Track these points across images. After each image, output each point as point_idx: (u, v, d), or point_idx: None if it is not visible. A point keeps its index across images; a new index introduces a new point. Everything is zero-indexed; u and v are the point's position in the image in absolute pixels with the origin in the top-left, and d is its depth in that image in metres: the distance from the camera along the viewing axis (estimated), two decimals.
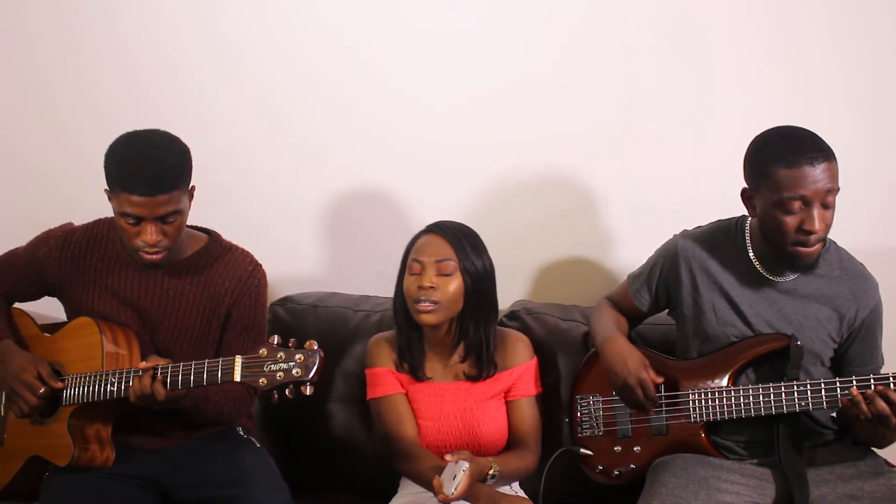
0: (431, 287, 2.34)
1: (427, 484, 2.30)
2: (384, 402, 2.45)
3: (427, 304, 2.34)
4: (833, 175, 2.14)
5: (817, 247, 2.20)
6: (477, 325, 2.42)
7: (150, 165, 2.14)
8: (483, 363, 2.44)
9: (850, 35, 2.70)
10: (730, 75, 2.75)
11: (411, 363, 2.45)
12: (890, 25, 2.70)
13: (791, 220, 2.17)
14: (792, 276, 2.28)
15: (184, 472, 2.32)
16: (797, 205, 2.15)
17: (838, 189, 2.16)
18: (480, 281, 2.39)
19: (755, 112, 2.71)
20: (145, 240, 2.17)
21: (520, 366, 2.47)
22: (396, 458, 2.40)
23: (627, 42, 2.77)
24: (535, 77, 2.80)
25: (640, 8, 2.75)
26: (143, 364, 2.12)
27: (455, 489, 2.13)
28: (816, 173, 2.12)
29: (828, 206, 2.16)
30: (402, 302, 2.44)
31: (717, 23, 2.74)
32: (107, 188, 2.20)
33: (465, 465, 2.15)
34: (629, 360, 2.31)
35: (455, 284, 2.36)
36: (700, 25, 2.74)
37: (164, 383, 2.10)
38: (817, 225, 2.14)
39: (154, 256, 2.20)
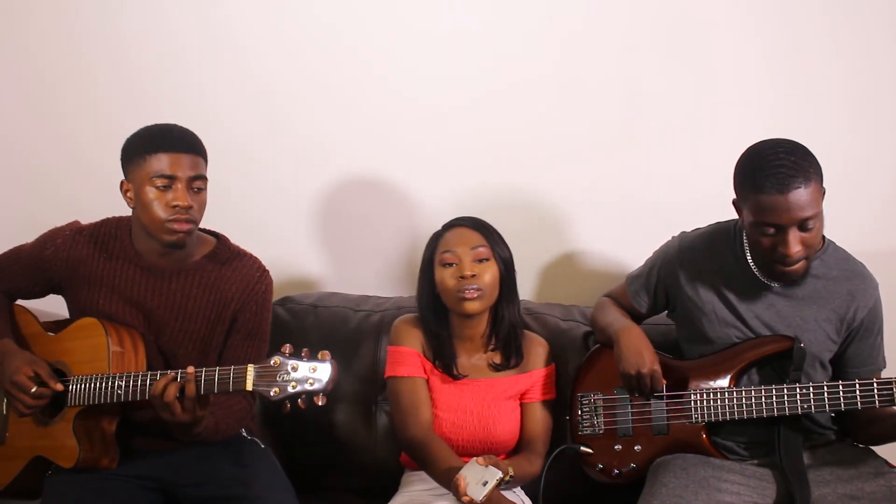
0: (473, 275, 2.35)
1: (440, 477, 2.29)
2: (404, 383, 2.44)
3: (473, 291, 2.35)
4: (810, 201, 2.10)
5: (799, 265, 2.18)
6: (510, 313, 2.44)
7: (177, 129, 2.24)
8: (511, 352, 2.46)
9: (850, 35, 2.70)
10: (730, 75, 2.75)
11: (444, 361, 2.45)
12: (890, 25, 2.70)
13: (766, 241, 2.16)
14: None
15: (188, 472, 2.32)
16: (771, 229, 2.14)
17: (817, 212, 2.12)
18: (509, 267, 2.43)
19: (755, 112, 2.71)
20: (178, 201, 2.18)
21: (539, 370, 2.48)
22: (407, 444, 2.41)
23: (627, 42, 2.77)
24: (535, 77, 2.80)
25: (639, 8, 2.75)
26: (192, 369, 2.09)
27: (484, 496, 2.13)
28: (788, 201, 2.09)
29: (807, 229, 2.13)
30: (430, 300, 2.44)
31: (717, 23, 2.74)
32: (123, 180, 2.22)
33: (499, 474, 2.15)
34: (645, 351, 2.31)
35: (492, 271, 2.38)
36: (700, 25, 2.74)
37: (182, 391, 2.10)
38: (791, 249, 2.13)
39: (184, 225, 2.20)
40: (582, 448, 2.42)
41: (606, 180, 2.82)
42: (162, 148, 2.18)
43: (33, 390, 2.21)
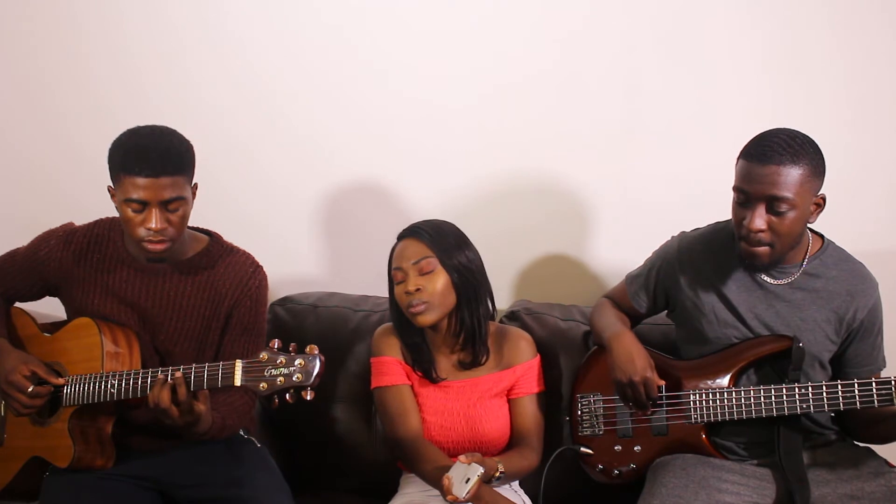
0: (417, 289, 2.35)
1: (431, 479, 2.30)
2: (389, 392, 2.45)
3: (418, 305, 2.35)
4: (788, 183, 2.10)
5: (762, 249, 2.18)
6: (471, 313, 2.42)
7: (154, 148, 2.16)
8: (476, 348, 2.44)
9: (850, 35, 2.70)
10: (730, 75, 2.75)
11: (423, 367, 2.45)
12: (890, 25, 2.69)
13: (738, 212, 2.19)
14: (789, 278, 2.28)
15: (184, 472, 2.33)
16: (742, 197, 2.16)
17: (793, 199, 2.11)
18: (466, 272, 2.40)
19: (755, 112, 2.71)
20: (150, 226, 2.16)
21: (522, 364, 2.47)
22: (399, 449, 2.41)
23: (627, 42, 2.77)
24: (535, 77, 2.80)
25: (639, 7, 2.75)
26: (179, 373, 2.09)
27: (467, 493, 2.14)
28: (761, 173, 2.11)
29: (778, 213, 2.13)
30: (397, 311, 2.45)
31: (717, 22, 2.74)
32: (110, 185, 2.21)
33: (480, 469, 2.15)
34: (637, 358, 2.31)
35: (440, 281, 2.36)
36: (700, 25, 2.74)
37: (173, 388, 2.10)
38: (754, 223, 2.14)
39: (158, 246, 2.19)
40: (582, 449, 2.42)
41: (606, 180, 2.82)
42: (136, 171, 2.13)
43: (30, 389, 2.21)
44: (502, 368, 2.46)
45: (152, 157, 2.14)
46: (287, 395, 2.00)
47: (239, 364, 2.04)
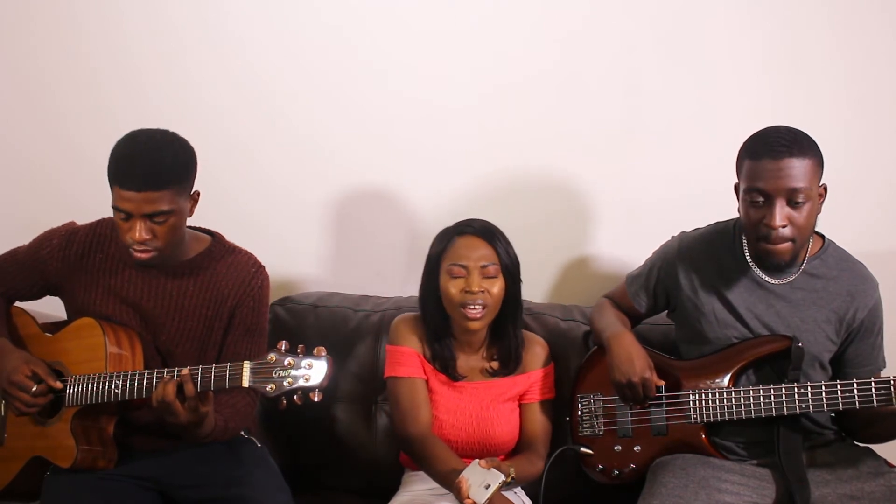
0: (482, 291, 2.33)
1: (442, 479, 2.29)
2: (404, 383, 2.43)
3: (476, 309, 2.34)
4: (803, 174, 2.12)
5: (785, 246, 2.18)
6: (513, 325, 2.43)
7: (143, 161, 2.14)
8: (511, 361, 2.45)
9: (850, 35, 2.70)
10: (730, 75, 2.75)
11: (444, 363, 2.44)
12: (890, 25, 2.69)
13: (754, 213, 2.17)
14: (789, 279, 2.28)
15: (185, 472, 2.32)
16: (759, 198, 2.15)
17: (809, 190, 2.12)
18: (515, 277, 2.40)
19: (755, 111, 2.70)
20: (132, 237, 2.16)
21: (537, 370, 2.48)
22: (408, 445, 2.41)
23: (628, 42, 2.77)
24: (535, 77, 2.80)
25: (639, 7, 2.75)
26: (186, 370, 2.09)
27: (487, 499, 2.13)
28: (778, 168, 2.12)
29: (797, 205, 2.13)
30: (436, 304, 2.42)
31: (717, 22, 2.74)
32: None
33: (502, 477, 2.15)
34: (636, 358, 2.31)
35: (499, 286, 2.36)
36: (700, 25, 2.74)
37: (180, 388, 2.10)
38: (776, 221, 2.13)
39: (142, 255, 2.19)
40: (582, 449, 2.42)
41: (606, 180, 2.82)
42: (119, 182, 2.13)
43: (34, 389, 2.21)
44: (518, 373, 2.47)
45: (140, 170, 2.13)
46: (295, 397, 2.00)
47: (247, 365, 2.03)
